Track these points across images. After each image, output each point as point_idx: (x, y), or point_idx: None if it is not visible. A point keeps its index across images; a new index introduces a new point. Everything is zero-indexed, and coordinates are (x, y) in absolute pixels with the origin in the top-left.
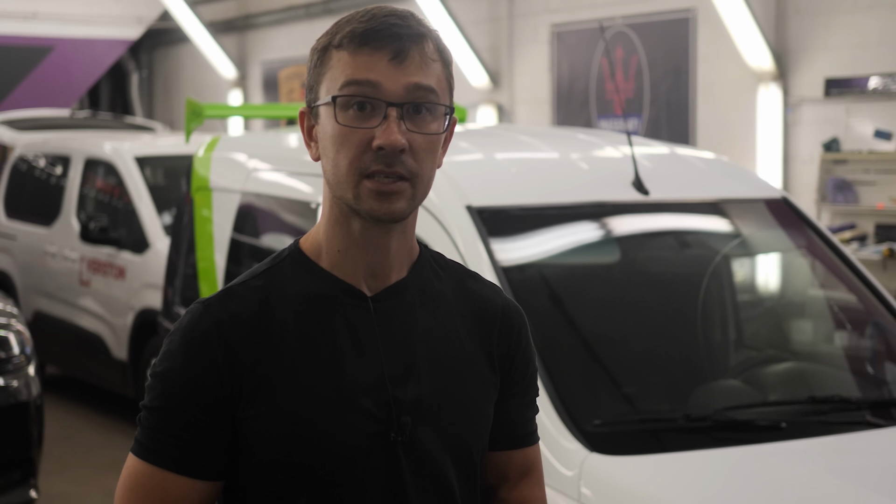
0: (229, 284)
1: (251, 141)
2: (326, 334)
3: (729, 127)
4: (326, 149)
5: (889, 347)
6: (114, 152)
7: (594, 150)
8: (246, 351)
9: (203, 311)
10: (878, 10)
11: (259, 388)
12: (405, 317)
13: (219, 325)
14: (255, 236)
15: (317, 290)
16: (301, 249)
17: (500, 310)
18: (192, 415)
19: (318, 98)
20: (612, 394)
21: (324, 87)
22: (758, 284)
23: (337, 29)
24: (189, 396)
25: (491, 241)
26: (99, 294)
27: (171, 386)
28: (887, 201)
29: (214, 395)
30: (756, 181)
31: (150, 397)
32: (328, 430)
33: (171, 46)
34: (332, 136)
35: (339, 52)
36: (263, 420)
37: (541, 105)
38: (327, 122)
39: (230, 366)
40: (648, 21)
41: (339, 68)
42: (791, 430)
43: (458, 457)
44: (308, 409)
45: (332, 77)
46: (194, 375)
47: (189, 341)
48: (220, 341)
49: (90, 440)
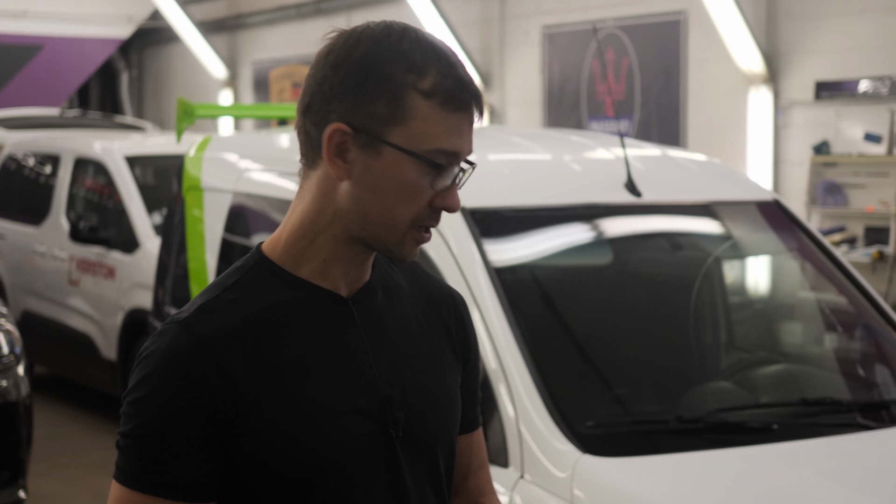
0: (201, 302)
1: (243, 141)
2: (314, 342)
3: (719, 129)
4: (381, 190)
5: (879, 349)
6: (104, 151)
7: (587, 151)
8: (237, 368)
9: (182, 331)
10: (868, 13)
11: (255, 405)
12: (379, 314)
13: (205, 344)
14: (247, 237)
15: (295, 298)
16: (269, 258)
17: (451, 298)
18: (182, 439)
19: (385, 135)
20: (604, 395)
21: (402, 133)
22: (749, 286)
23: (416, 66)
24: (179, 420)
25: (483, 242)
26: (88, 294)
27: (157, 411)
28: (877, 204)
29: (206, 415)
30: (748, 183)
31: (133, 424)
32: (330, 437)
33: (161, 46)
34: (403, 186)
35: (427, 101)
36: (263, 435)
37: (532, 106)
38: (397, 168)
39: (223, 385)
40: (640, 23)
41: (428, 125)
42: (783, 431)
43: (443, 445)
44: (307, 419)
45: (418, 131)
46: (184, 398)
47: (174, 363)
48: (210, 360)
49: (79, 440)
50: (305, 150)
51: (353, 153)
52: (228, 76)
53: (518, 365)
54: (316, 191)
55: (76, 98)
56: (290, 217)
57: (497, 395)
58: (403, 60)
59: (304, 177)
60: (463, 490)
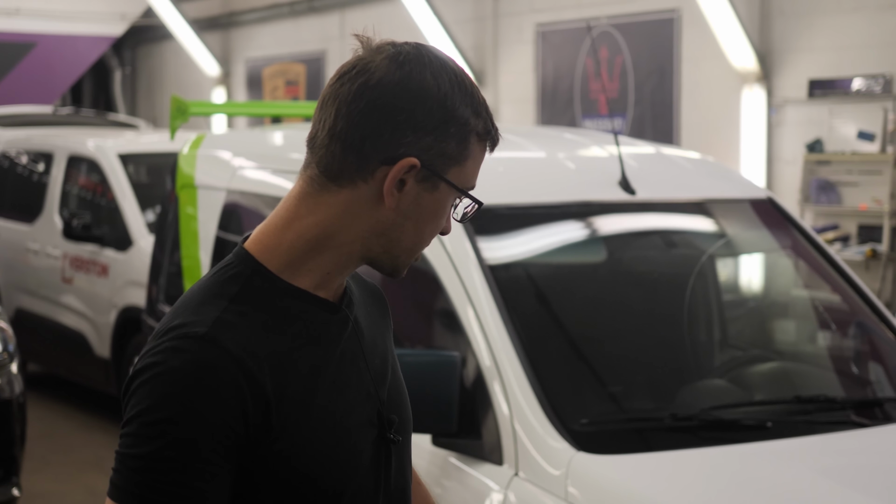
0: (214, 314)
1: (236, 139)
2: (323, 353)
3: (713, 127)
4: (420, 217)
5: (873, 347)
6: (97, 149)
7: (581, 149)
8: (267, 384)
9: (207, 346)
10: (861, 11)
11: (284, 422)
12: (358, 320)
13: (236, 360)
14: (240, 234)
15: (301, 309)
16: (265, 266)
17: (380, 292)
18: (212, 461)
19: (446, 171)
20: (598, 393)
21: (459, 171)
22: (743, 284)
23: (477, 112)
24: (210, 441)
25: (478, 239)
26: (81, 292)
27: (185, 433)
28: (870, 202)
29: (236, 435)
30: (742, 181)
31: (153, 447)
32: (348, 452)
33: (154, 43)
34: (439, 217)
35: (479, 144)
36: (289, 454)
37: (525, 104)
38: (444, 202)
39: (255, 403)
40: (633, 21)
41: (475, 164)
42: (777, 429)
43: (410, 441)
44: (330, 435)
45: (469, 168)
46: (217, 418)
47: (204, 381)
48: (242, 376)
49: (72, 438)
50: (341, 167)
51: (410, 185)
52: (222, 74)
53: (512, 363)
54: (342, 209)
55: (69, 96)
56: (293, 224)
57: (491, 392)
58: (470, 103)
59: (321, 188)
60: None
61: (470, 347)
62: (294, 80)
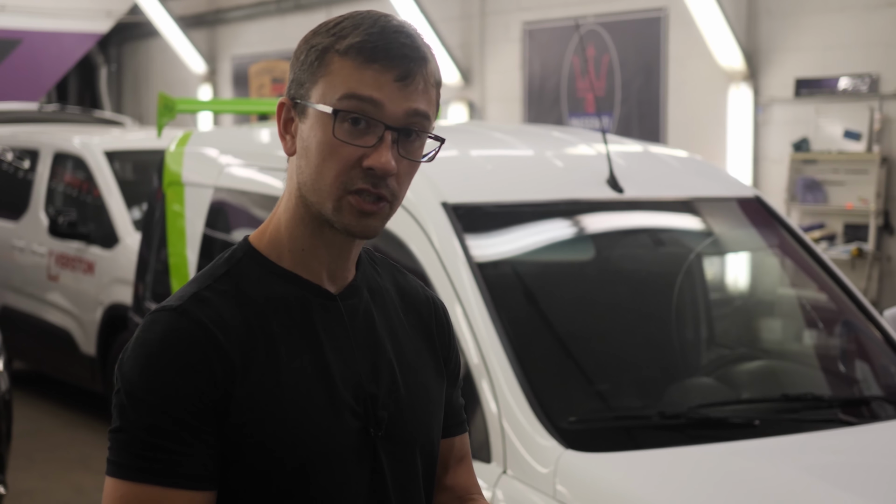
0: (192, 290)
1: (224, 136)
2: (304, 338)
3: (700, 126)
4: (310, 153)
5: (860, 346)
6: (83, 146)
7: (569, 147)
8: (236, 355)
9: (178, 317)
10: (848, 11)
11: (252, 394)
12: (365, 314)
13: (206, 329)
14: (228, 232)
15: (286, 291)
16: (257, 249)
17: (431, 302)
18: (188, 426)
19: (308, 97)
20: (586, 391)
21: (318, 90)
22: (731, 283)
23: (341, 32)
24: (184, 407)
25: (466, 237)
26: (67, 289)
27: (160, 399)
28: (856, 201)
29: (209, 399)
30: (729, 180)
31: (134, 416)
32: (321, 431)
33: (140, 40)
34: (321, 145)
35: (342, 59)
36: (258, 425)
37: (512, 103)
38: (317, 127)
39: (223, 369)
40: (620, 20)
41: (341, 78)
42: (764, 427)
43: (423, 448)
44: (301, 412)
45: (331, 83)
46: (189, 383)
47: (175, 349)
48: (211, 344)
49: (58, 436)
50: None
51: (295, 125)
52: (208, 71)
53: (501, 361)
54: (289, 177)
55: (55, 93)
56: (277, 208)
57: (480, 390)
58: (333, 30)
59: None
60: (451, 487)
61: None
62: (280, 78)
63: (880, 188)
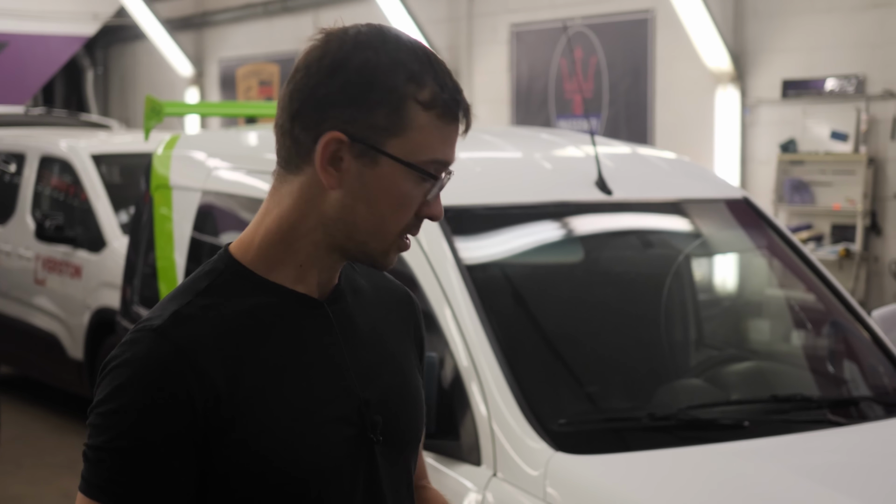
0: (174, 308)
1: (211, 139)
2: (292, 347)
3: (687, 128)
4: (375, 200)
5: (848, 346)
6: (70, 150)
7: (557, 149)
8: (218, 376)
9: (158, 339)
10: (834, 12)
11: (238, 413)
12: (351, 317)
13: (183, 352)
14: (216, 235)
15: (269, 303)
16: (240, 263)
17: (407, 297)
18: (159, 451)
19: (383, 145)
20: (576, 393)
21: (401, 144)
22: (719, 284)
23: (412, 76)
24: (156, 432)
25: (455, 239)
26: (54, 293)
27: (133, 423)
28: (843, 202)
29: (185, 425)
30: (717, 181)
31: (106, 437)
32: (313, 445)
33: (127, 43)
34: (398, 197)
35: (426, 113)
36: (248, 444)
37: (500, 105)
38: (394, 178)
39: (203, 394)
40: (607, 22)
41: (430, 140)
42: (754, 428)
43: (414, 446)
44: (291, 427)
45: (418, 143)
46: (162, 408)
47: (150, 372)
48: (189, 368)
49: (46, 441)
50: (288, 154)
51: (348, 162)
52: (195, 74)
53: (490, 363)
54: (298, 196)
55: (41, 96)
56: (264, 220)
57: (469, 393)
58: (403, 70)
59: (281, 180)
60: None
61: (447, 348)
62: (268, 81)
63: (867, 189)
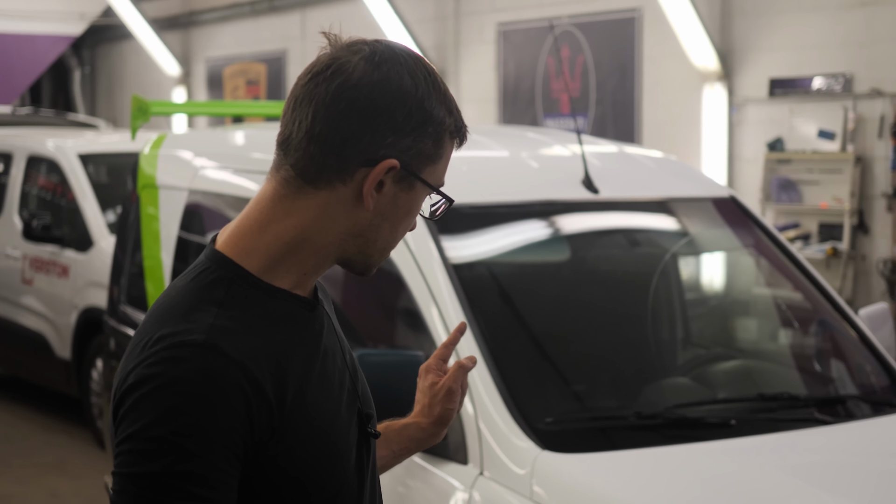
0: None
1: (198, 138)
2: (313, 352)
3: (674, 126)
4: (398, 220)
5: (835, 345)
6: (57, 149)
7: (544, 148)
8: (269, 390)
9: (209, 354)
10: (821, 11)
11: (287, 424)
12: (329, 315)
13: (239, 366)
14: (203, 234)
15: (285, 310)
16: (247, 270)
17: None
18: (226, 469)
19: (421, 171)
20: (563, 392)
21: (433, 170)
22: (706, 283)
23: (450, 110)
24: (223, 451)
25: (441, 238)
26: (42, 293)
27: (199, 444)
28: (830, 200)
29: (244, 441)
30: (704, 180)
31: (164, 462)
32: (343, 446)
33: (114, 43)
34: (413, 216)
35: (451, 141)
36: (289, 455)
37: (487, 104)
38: (418, 200)
39: (260, 407)
40: (594, 20)
41: (447, 161)
42: (740, 427)
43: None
44: (324, 433)
45: (442, 169)
46: (228, 425)
47: (212, 389)
48: (248, 383)
49: (33, 440)
50: (319, 169)
51: (388, 186)
52: (182, 73)
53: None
54: (322, 211)
55: (28, 96)
56: (270, 226)
57: None
58: (444, 102)
59: (297, 190)
60: None
61: (434, 347)
62: (255, 80)
63: (854, 187)
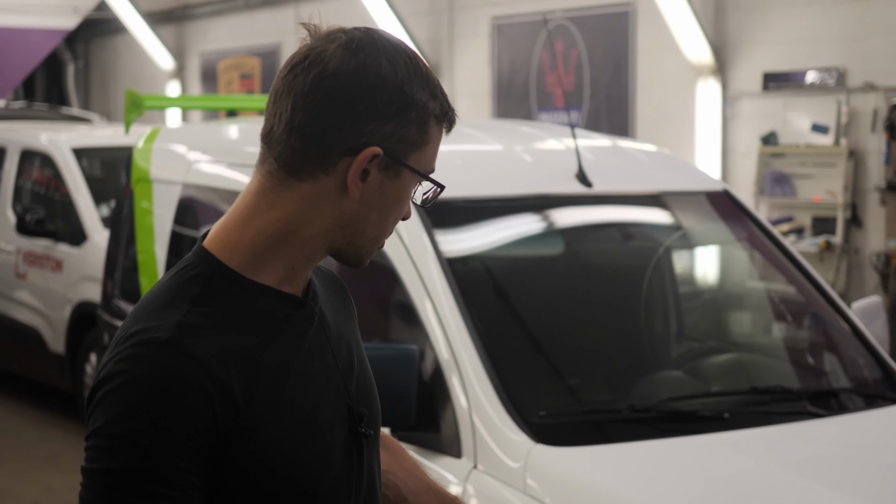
0: (176, 317)
1: (192, 132)
2: (290, 350)
3: (668, 120)
4: (387, 209)
5: (828, 338)
6: (50, 143)
7: (538, 142)
8: (235, 386)
9: (172, 353)
10: (815, 5)
11: (255, 423)
12: (322, 310)
13: (203, 365)
14: (196, 228)
15: (265, 307)
16: (227, 265)
17: (339, 280)
18: (183, 469)
19: (407, 158)
20: (556, 385)
21: (419, 156)
22: (699, 276)
23: (434, 94)
24: (181, 450)
25: (435, 232)
26: (35, 287)
27: (155, 442)
28: (824, 194)
29: (208, 442)
30: (698, 174)
31: (123, 459)
32: (322, 446)
33: (108, 37)
34: (402, 204)
35: (438, 126)
36: (262, 455)
37: (481, 98)
38: (406, 188)
39: (224, 407)
40: (588, 14)
41: (434, 147)
42: (734, 420)
43: (379, 433)
44: (303, 430)
45: (430, 154)
46: (188, 426)
47: (172, 389)
48: (210, 382)
49: (27, 435)
50: (301, 161)
51: (373, 174)
52: (176, 67)
53: (470, 355)
54: (306, 203)
55: (21, 89)
56: (253, 221)
57: (450, 385)
58: (427, 86)
59: (281, 183)
60: None
61: (428, 340)
62: (249, 74)
63: (848, 181)
